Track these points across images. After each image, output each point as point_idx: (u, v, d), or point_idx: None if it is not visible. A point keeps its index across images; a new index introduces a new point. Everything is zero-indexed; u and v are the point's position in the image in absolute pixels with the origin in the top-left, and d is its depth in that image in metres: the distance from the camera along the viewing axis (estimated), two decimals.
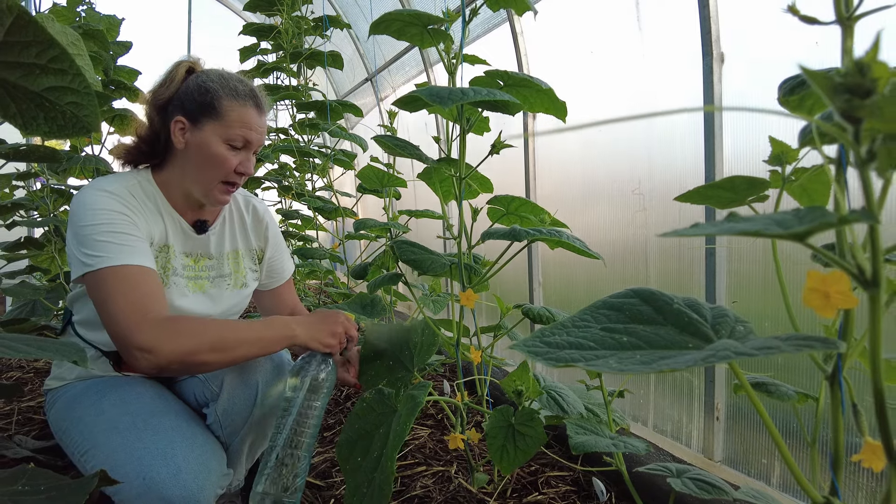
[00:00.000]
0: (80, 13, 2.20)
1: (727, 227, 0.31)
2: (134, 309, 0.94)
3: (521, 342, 0.43)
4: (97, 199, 1.03)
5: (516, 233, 1.05)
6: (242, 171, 1.13)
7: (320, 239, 2.94)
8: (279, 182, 2.99)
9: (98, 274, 0.97)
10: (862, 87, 0.30)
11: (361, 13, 3.86)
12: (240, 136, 1.10)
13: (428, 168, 1.33)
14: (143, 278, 0.99)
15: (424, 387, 1.01)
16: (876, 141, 0.32)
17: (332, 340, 1.10)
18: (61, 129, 0.58)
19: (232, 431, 1.15)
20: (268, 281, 1.37)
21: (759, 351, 0.34)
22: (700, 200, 0.79)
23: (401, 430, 0.93)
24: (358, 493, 0.94)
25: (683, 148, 1.62)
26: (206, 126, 1.09)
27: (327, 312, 1.14)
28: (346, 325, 1.14)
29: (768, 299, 1.42)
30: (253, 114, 1.12)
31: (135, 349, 0.92)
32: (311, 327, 1.09)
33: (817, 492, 0.54)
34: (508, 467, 1.06)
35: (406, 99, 1.12)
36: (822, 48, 1.19)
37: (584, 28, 2.02)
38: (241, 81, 1.13)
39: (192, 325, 0.98)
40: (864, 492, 1.19)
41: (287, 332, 1.06)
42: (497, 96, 0.99)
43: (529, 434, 1.06)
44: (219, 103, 1.09)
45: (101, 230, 1.00)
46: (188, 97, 1.10)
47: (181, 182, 1.13)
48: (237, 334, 1.00)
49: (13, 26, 0.49)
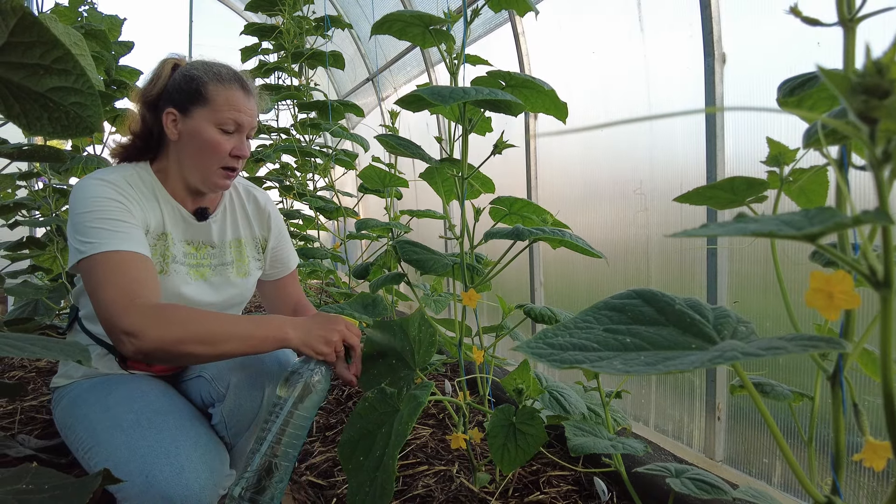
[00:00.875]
0: (82, 13, 2.20)
1: (738, 227, 0.31)
2: (123, 293, 0.94)
3: (525, 343, 0.43)
4: (92, 188, 1.04)
5: (519, 232, 1.05)
6: (238, 154, 1.13)
7: (322, 239, 2.95)
8: (281, 182, 3.00)
9: (90, 260, 0.98)
10: (880, 87, 0.30)
11: (363, 13, 3.87)
12: (230, 118, 1.11)
13: (430, 168, 1.33)
14: (134, 264, 0.99)
15: (427, 387, 1.00)
16: (892, 142, 0.32)
17: (326, 349, 1.03)
18: (65, 129, 0.58)
19: (237, 432, 1.15)
20: (272, 271, 1.38)
21: (766, 351, 0.34)
22: (699, 201, 0.79)
23: (402, 429, 0.93)
24: (360, 492, 0.94)
25: (685, 148, 1.62)
26: (196, 113, 1.10)
27: (326, 318, 1.08)
28: (344, 333, 1.06)
29: (769, 299, 1.42)
30: (240, 96, 1.13)
31: (121, 333, 0.92)
32: (305, 332, 1.03)
33: (820, 492, 0.54)
34: (509, 466, 1.06)
35: (408, 98, 1.11)
36: (823, 49, 1.19)
37: (586, 29, 2.02)
38: (225, 66, 1.15)
39: (181, 313, 0.97)
40: (865, 491, 1.19)
41: (279, 334, 1.01)
42: (499, 96, 0.99)
43: (530, 433, 1.06)
44: (205, 89, 1.10)
45: (95, 217, 1.01)
46: (175, 89, 1.12)
47: (179, 171, 1.15)
48: (227, 329, 0.98)
49: (17, 27, 0.49)
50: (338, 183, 2.76)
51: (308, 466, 1.55)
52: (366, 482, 0.94)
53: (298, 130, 2.79)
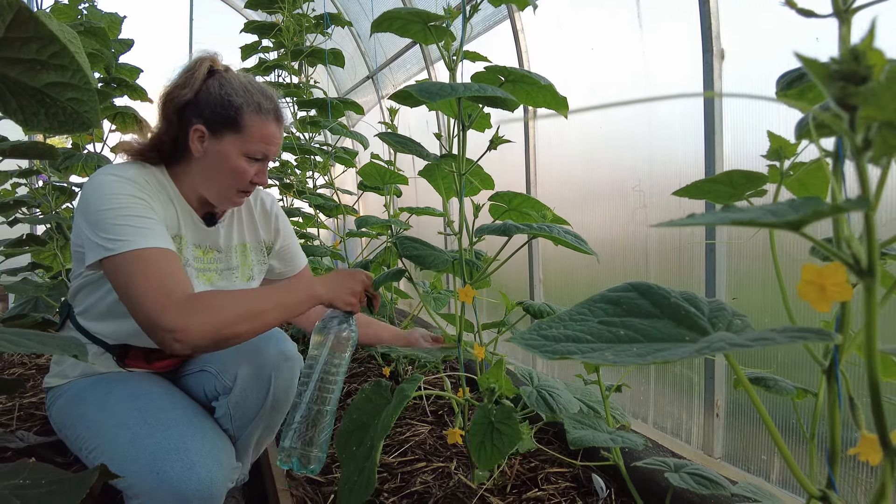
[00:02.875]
0: (81, 11, 2.20)
1: (721, 216, 0.31)
2: (158, 292, 0.93)
3: (519, 335, 0.43)
4: (112, 184, 1.02)
5: (506, 228, 1.07)
6: (257, 182, 1.14)
7: (322, 237, 2.95)
8: (280, 180, 2.99)
9: (119, 258, 0.96)
10: (857, 74, 0.30)
11: (363, 11, 3.86)
12: (260, 150, 1.11)
13: (430, 165, 1.33)
14: (164, 261, 0.98)
15: (415, 380, 1.05)
16: (871, 129, 0.32)
17: (353, 299, 1.13)
18: (62, 124, 0.58)
19: (242, 424, 1.16)
20: (285, 268, 1.39)
21: (755, 342, 0.34)
22: (698, 195, 0.79)
23: (387, 420, 0.97)
24: (350, 481, 0.97)
25: (684, 145, 1.61)
26: (226, 138, 1.09)
27: (348, 271, 1.17)
28: (366, 282, 1.17)
29: (768, 296, 1.42)
30: (274, 128, 1.13)
31: (164, 332, 0.90)
32: (334, 287, 1.11)
33: (816, 487, 0.54)
34: (486, 464, 1.08)
35: (401, 94, 1.14)
36: (822, 44, 1.19)
37: (585, 25, 2.02)
38: (265, 95, 1.13)
39: (216, 299, 0.97)
40: (862, 487, 1.19)
41: (311, 293, 1.07)
42: (489, 92, 0.99)
43: (507, 433, 1.07)
44: (241, 118, 1.08)
45: (119, 214, 0.99)
46: (209, 106, 1.09)
47: (195, 184, 1.14)
48: (263, 301, 1.01)
49: (13, 22, 0.49)
50: (338, 181, 2.76)
51: None
52: (355, 472, 0.97)
53: (298, 128, 2.78)
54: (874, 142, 0.32)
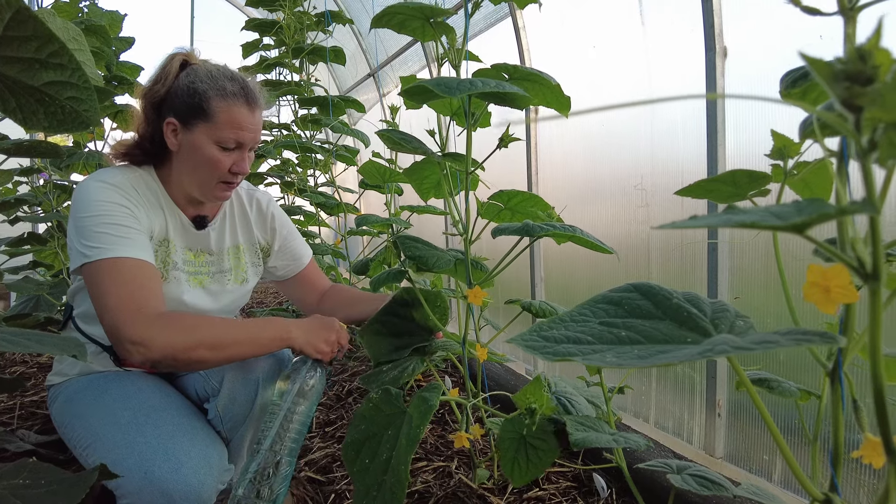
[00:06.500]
0: (82, 9, 2.20)
1: (724, 218, 0.30)
2: (129, 302, 0.94)
3: (520, 336, 0.43)
4: (98, 191, 1.03)
5: (529, 228, 1.02)
6: (237, 171, 1.11)
7: (323, 235, 2.95)
8: (281, 178, 2.99)
9: (95, 265, 0.97)
10: (863, 74, 0.29)
11: (364, 8, 3.85)
12: (230, 137, 1.07)
13: (415, 164, 1.32)
14: (139, 272, 0.99)
15: (436, 388, 0.99)
16: (877, 130, 0.31)
17: (326, 348, 1.10)
18: (61, 123, 0.58)
19: (233, 426, 1.15)
20: (289, 266, 1.38)
21: (758, 346, 0.34)
22: (701, 194, 0.78)
23: (414, 434, 0.91)
24: (368, 495, 0.92)
25: (686, 144, 1.61)
26: (197, 128, 1.07)
27: (325, 320, 1.14)
28: (340, 333, 1.14)
29: (771, 296, 1.41)
30: (244, 112, 1.08)
31: (128, 342, 0.91)
32: (307, 332, 1.09)
33: (818, 489, 0.53)
34: (521, 479, 1.04)
35: (413, 90, 1.05)
36: (826, 42, 1.18)
37: (587, 23, 2.01)
38: (232, 78, 1.09)
39: (186, 321, 0.98)
40: (865, 489, 1.18)
41: (283, 335, 1.06)
42: (506, 88, 0.97)
43: (542, 448, 1.04)
44: (208, 105, 1.06)
45: (100, 221, 1.00)
46: (178, 98, 1.08)
47: (180, 181, 1.13)
48: (233, 333, 1.00)
49: (12, 21, 0.49)
50: (339, 179, 2.76)
51: (307, 462, 1.56)
52: (373, 486, 0.92)
53: (299, 126, 2.78)
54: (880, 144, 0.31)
